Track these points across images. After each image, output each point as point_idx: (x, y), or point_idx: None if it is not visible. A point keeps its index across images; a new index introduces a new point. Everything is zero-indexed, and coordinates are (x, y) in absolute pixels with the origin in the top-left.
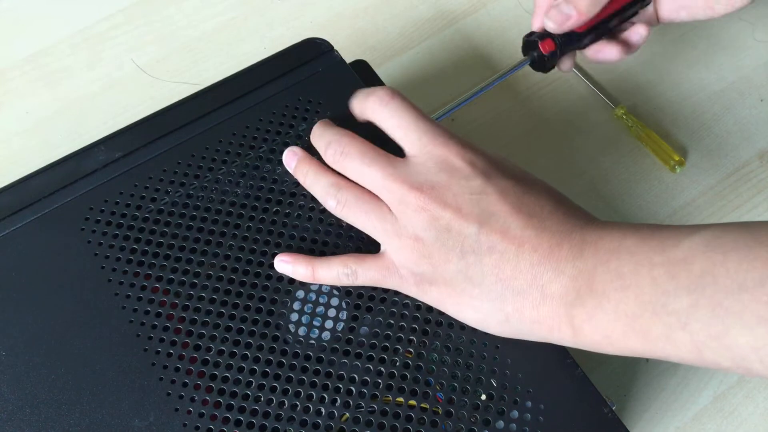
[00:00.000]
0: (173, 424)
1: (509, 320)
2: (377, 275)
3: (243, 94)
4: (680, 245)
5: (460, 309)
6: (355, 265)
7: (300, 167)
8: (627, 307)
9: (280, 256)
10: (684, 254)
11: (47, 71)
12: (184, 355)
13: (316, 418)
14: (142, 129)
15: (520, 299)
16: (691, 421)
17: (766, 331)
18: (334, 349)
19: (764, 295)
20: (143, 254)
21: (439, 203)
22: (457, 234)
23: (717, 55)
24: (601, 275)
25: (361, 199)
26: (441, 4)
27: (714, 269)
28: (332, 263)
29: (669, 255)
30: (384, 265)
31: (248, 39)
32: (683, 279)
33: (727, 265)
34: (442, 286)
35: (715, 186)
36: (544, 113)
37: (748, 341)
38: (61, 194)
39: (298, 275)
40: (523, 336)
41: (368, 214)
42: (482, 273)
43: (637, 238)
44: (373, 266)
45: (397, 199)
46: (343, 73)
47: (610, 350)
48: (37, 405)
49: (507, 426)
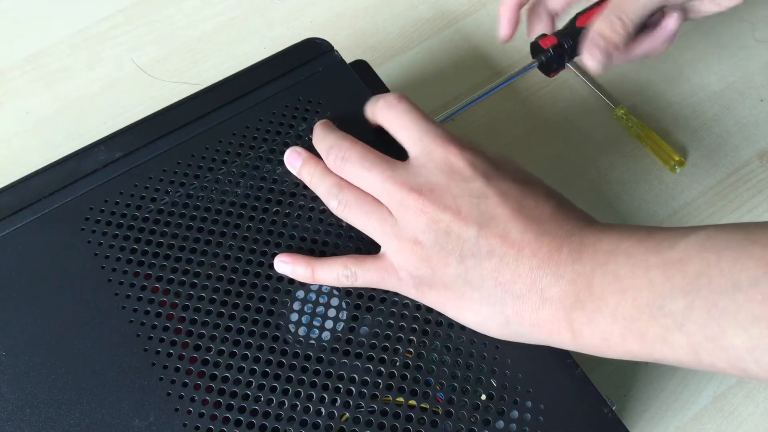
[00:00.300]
0: (173, 424)
1: (509, 323)
2: (376, 277)
3: (243, 94)
4: (676, 246)
5: (459, 312)
6: (354, 266)
7: (305, 168)
8: (625, 310)
9: (279, 256)
10: (679, 255)
11: (47, 71)
12: (184, 355)
13: (316, 418)
14: (142, 129)
15: (520, 303)
16: (691, 421)
17: (761, 330)
18: (334, 349)
19: (758, 294)
20: (143, 254)
21: (438, 205)
22: (457, 237)
23: (717, 55)
24: (600, 278)
25: (362, 200)
26: (441, 4)
27: (708, 270)
28: (332, 264)
29: (665, 256)
30: (383, 266)
31: (248, 39)
32: (679, 280)
33: (722, 265)
34: (441, 289)
35: (715, 186)
36: (544, 113)
37: (743, 341)
38: (61, 194)
39: (298, 276)
40: (523, 339)
41: (368, 216)
42: (481, 277)
43: (634, 240)
44: (372, 268)
45: (396, 202)
46: (343, 73)
47: (609, 354)
48: (37, 405)
49: (507, 426)
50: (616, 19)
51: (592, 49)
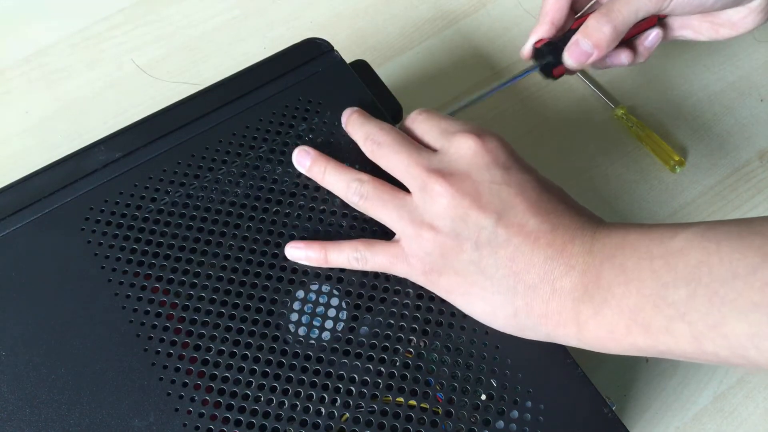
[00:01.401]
0: (173, 424)
1: (517, 314)
2: (385, 261)
3: (243, 94)
4: (677, 236)
5: (468, 300)
6: (364, 249)
7: (316, 165)
8: (629, 301)
9: (291, 243)
10: (681, 245)
11: (47, 71)
12: (184, 355)
13: (316, 418)
14: (142, 129)
15: (531, 293)
16: (691, 421)
17: (761, 317)
18: (334, 349)
19: (757, 281)
20: (143, 254)
21: (457, 189)
22: (474, 224)
23: (717, 55)
24: (607, 270)
25: (380, 189)
26: (441, 4)
27: (709, 258)
28: (343, 247)
29: (667, 246)
30: (394, 252)
31: (248, 39)
32: (681, 270)
33: (721, 254)
34: (452, 276)
35: (715, 186)
36: (544, 113)
37: (744, 329)
38: (61, 194)
39: (311, 260)
40: (526, 333)
41: (386, 204)
42: (495, 265)
43: (639, 233)
44: (381, 252)
45: (418, 186)
46: (343, 73)
47: (613, 348)
48: (37, 405)
49: (507, 426)
50: (604, 22)
51: (572, 48)
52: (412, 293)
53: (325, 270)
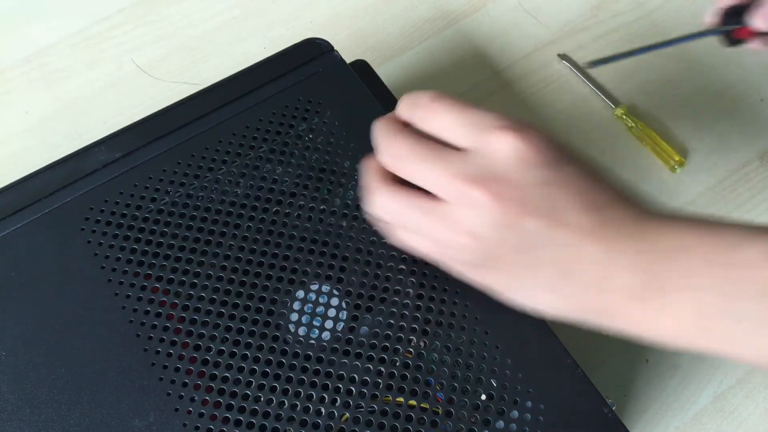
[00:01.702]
0: (173, 424)
1: (565, 309)
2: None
3: (243, 94)
4: (741, 249)
5: (511, 294)
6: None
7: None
8: (689, 308)
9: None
10: (748, 260)
11: (47, 71)
12: (184, 355)
13: (316, 418)
14: (142, 129)
15: (579, 292)
16: (691, 421)
17: None
18: (334, 349)
19: None
20: (143, 254)
21: (501, 198)
22: (519, 229)
23: (717, 55)
24: (664, 272)
25: (405, 216)
26: (441, 4)
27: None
28: None
29: (732, 258)
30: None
31: (248, 39)
32: (747, 285)
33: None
34: (493, 271)
35: (715, 186)
36: (544, 113)
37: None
38: (61, 194)
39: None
40: (579, 322)
41: (421, 230)
42: (540, 264)
43: (697, 235)
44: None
45: (454, 197)
46: (343, 73)
47: (669, 345)
48: (37, 405)
49: (507, 426)
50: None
51: (764, 9)
52: (412, 293)
53: (325, 270)
